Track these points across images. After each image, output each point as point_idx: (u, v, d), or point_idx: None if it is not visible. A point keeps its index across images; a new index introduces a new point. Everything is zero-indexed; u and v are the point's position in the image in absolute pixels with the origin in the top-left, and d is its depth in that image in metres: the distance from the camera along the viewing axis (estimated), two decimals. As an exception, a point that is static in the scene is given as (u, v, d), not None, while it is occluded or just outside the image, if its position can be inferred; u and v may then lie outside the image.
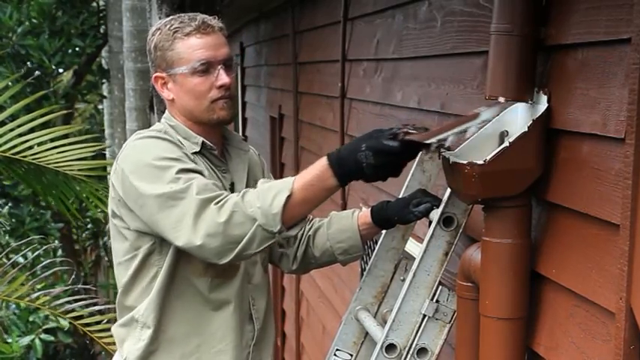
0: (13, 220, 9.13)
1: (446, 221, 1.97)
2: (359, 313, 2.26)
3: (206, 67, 2.11)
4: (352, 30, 3.47)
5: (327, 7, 3.93)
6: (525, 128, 1.65)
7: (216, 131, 2.24)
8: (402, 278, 2.25)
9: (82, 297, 5.06)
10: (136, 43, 7.42)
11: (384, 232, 2.27)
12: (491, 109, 1.76)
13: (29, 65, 9.70)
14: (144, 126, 6.89)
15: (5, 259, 5.74)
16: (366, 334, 2.27)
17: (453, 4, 2.26)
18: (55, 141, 4.99)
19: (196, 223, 1.94)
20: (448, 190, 1.96)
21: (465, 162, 1.67)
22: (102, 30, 10.60)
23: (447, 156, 1.75)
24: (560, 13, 1.63)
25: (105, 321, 4.78)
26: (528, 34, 1.66)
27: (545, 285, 1.72)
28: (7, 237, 9.04)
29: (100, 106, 15.26)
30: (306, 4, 4.47)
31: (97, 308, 5.01)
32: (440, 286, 1.98)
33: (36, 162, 4.75)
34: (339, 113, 3.61)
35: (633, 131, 1.36)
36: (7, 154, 4.69)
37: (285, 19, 4.98)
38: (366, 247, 2.32)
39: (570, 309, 1.62)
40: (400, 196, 2.20)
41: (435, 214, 1.98)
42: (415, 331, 1.99)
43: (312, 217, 2.37)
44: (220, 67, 2.12)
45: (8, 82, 7.16)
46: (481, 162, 1.65)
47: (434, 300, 1.98)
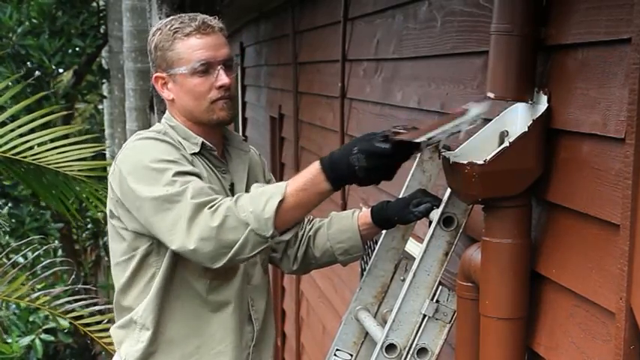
0: (13, 220, 9.12)
1: (446, 221, 1.97)
2: (359, 313, 2.26)
3: (206, 68, 2.11)
4: (352, 30, 3.47)
5: (327, 7, 3.93)
6: (525, 128, 1.65)
7: (217, 132, 2.23)
8: (402, 278, 2.25)
9: (82, 297, 5.05)
10: (136, 43, 7.41)
11: (384, 232, 2.27)
12: (480, 104, 1.76)
13: (29, 65, 9.69)
14: (144, 126, 6.88)
15: (5, 259, 5.74)
16: (366, 334, 2.27)
17: (453, 4, 2.26)
18: (55, 141, 4.98)
19: (190, 227, 1.94)
20: (448, 190, 1.96)
21: (465, 162, 1.67)
22: (102, 30, 10.59)
23: (447, 156, 1.75)
24: (561, 13, 1.63)
25: (105, 321, 4.77)
26: (528, 34, 1.66)
27: (546, 285, 1.72)
28: (7, 237, 9.03)
29: (100, 106, 15.26)
30: (306, 4, 4.47)
31: (97, 308, 5.00)
32: (440, 286, 1.98)
33: (36, 162, 4.74)
34: (339, 113, 3.61)
35: (633, 131, 1.36)
36: (8, 155, 4.68)
37: (285, 19, 4.98)
38: (366, 247, 2.32)
39: (570, 309, 1.62)
40: (400, 196, 2.20)
41: (435, 214, 1.99)
42: (415, 331, 1.99)
43: (312, 218, 2.37)
44: (220, 67, 2.12)
45: (8, 83, 7.16)
46: (481, 162, 1.65)
47: (434, 300, 1.98)
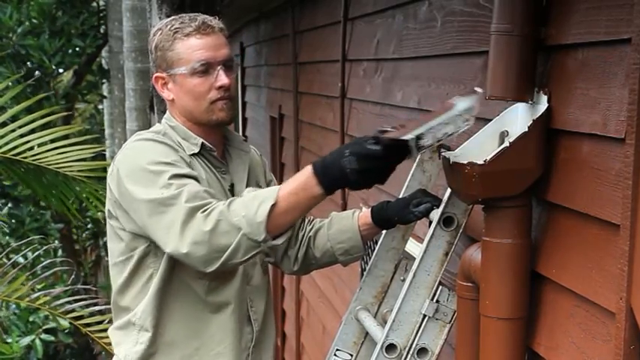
0: (13, 220, 9.12)
1: (446, 221, 1.97)
2: (359, 313, 2.26)
3: (205, 68, 2.11)
4: (352, 30, 3.47)
5: (327, 7, 3.93)
6: (525, 128, 1.65)
7: (217, 132, 2.23)
8: (402, 278, 2.25)
9: (82, 297, 5.06)
10: (136, 43, 7.41)
11: (384, 232, 2.27)
12: (467, 98, 1.76)
13: (29, 65, 9.69)
14: (144, 126, 6.88)
15: (5, 259, 5.74)
16: (366, 334, 2.27)
17: (453, 4, 2.26)
18: (55, 142, 4.98)
19: (183, 230, 1.94)
20: (448, 190, 1.96)
21: (465, 162, 1.67)
22: (102, 30, 10.59)
23: (447, 156, 1.75)
24: (561, 13, 1.63)
25: (106, 321, 4.77)
26: (528, 34, 1.66)
27: (546, 285, 1.72)
28: (7, 237, 9.03)
29: (100, 106, 15.26)
30: (306, 4, 4.47)
31: (97, 308, 5.00)
32: (440, 286, 1.98)
33: (36, 163, 4.74)
34: (339, 113, 3.61)
35: (633, 131, 1.36)
36: (8, 155, 4.68)
37: (285, 19, 4.98)
38: (366, 247, 2.32)
39: (570, 309, 1.61)
40: (400, 196, 2.20)
41: (435, 214, 1.98)
42: (415, 331, 1.99)
43: (312, 218, 2.37)
44: (220, 67, 2.12)
45: (9, 83, 7.15)
46: (481, 162, 1.65)
47: (434, 300, 1.98)
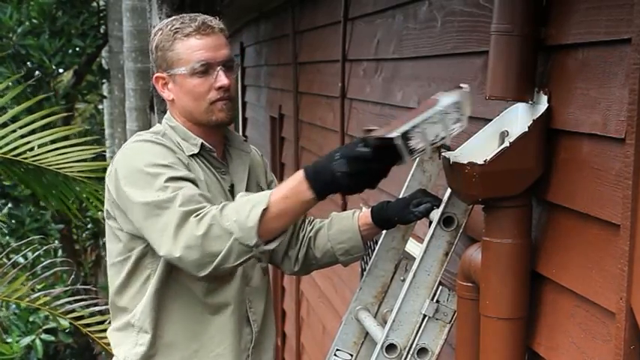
0: (13, 220, 9.12)
1: (446, 221, 1.97)
2: (359, 313, 2.26)
3: (205, 68, 2.10)
4: (352, 30, 3.47)
5: (327, 7, 3.93)
6: (525, 128, 1.65)
7: (217, 132, 2.23)
8: (402, 278, 2.25)
9: (83, 297, 5.05)
10: (136, 43, 7.41)
11: (385, 232, 2.27)
12: (450, 94, 1.76)
13: (29, 66, 9.69)
14: (144, 126, 6.87)
15: (5, 259, 5.74)
16: (366, 334, 2.27)
17: (453, 4, 2.26)
18: (55, 142, 4.98)
19: (177, 234, 1.94)
20: (448, 190, 1.96)
21: (465, 162, 1.67)
22: (102, 30, 10.58)
23: (447, 156, 1.75)
24: (561, 13, 1.63)
25: (107, 321, 4.77)
26: (528, 34, 1.66)
27: (546, 285, 1.72)
28: (7, 237, 9.03)
29: (100, 106, 15.25)
30: (306, 4, 4.47)
31: (97, 308, 5.00)
32: (440, 286, 1.98)
33: (36, 163, 4.74)
34: (340, 113, 3.61)
35: (633, 131, 1.36)
36: (8, 156, 4.68)
37: (285, 19, 4.98)
38: (366, 247, 2.32)
39: (571, 309, 1.61)
40: (400, 196, 2.20)
41: (435, 214, 1.98)
42: (415, 331, 1.99)
43: (312, 218, 2.37)
44: (220, 68, 2.12)
45: (9, 83, 7.15)
46: (481, 162, 1.65)
47: (434, 300, 1.98)
